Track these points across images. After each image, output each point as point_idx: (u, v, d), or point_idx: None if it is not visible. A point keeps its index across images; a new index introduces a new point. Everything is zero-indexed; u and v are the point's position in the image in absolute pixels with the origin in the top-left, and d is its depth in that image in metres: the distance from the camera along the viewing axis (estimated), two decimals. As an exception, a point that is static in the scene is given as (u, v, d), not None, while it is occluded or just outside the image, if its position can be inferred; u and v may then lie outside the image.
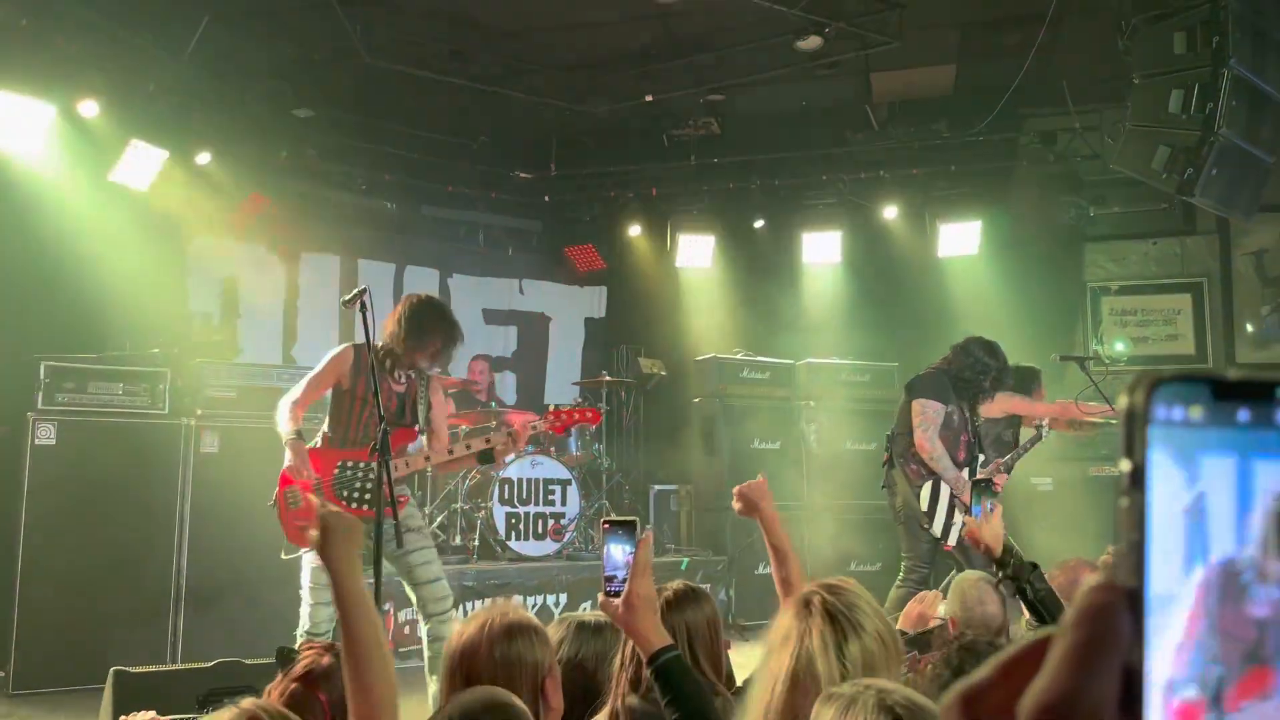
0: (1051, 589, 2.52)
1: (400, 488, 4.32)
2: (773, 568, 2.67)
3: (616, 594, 1.89)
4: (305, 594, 4.18)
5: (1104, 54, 6.25)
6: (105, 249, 6.64)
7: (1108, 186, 8.07)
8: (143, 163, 6.71)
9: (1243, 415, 0.37)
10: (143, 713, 2.75)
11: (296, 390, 4.31)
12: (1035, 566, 2.53)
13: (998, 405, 5.77)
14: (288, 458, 4.16)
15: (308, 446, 4.24)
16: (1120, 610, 0.36)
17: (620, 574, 1.90)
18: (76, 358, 5.71)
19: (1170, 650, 0.36)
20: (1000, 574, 2.57)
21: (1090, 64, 7.16)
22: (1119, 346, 8.27)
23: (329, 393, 4.40)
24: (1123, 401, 0.37)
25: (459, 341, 4.46)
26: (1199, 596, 0.36)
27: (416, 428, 4.42)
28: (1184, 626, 0.36)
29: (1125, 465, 0.37)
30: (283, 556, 4.22)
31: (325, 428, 4.40)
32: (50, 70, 6.07)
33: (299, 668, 2.24)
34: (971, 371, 5.45)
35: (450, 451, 4.40)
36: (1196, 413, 0.37)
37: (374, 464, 4.16)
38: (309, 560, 4.20)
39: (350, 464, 4.24)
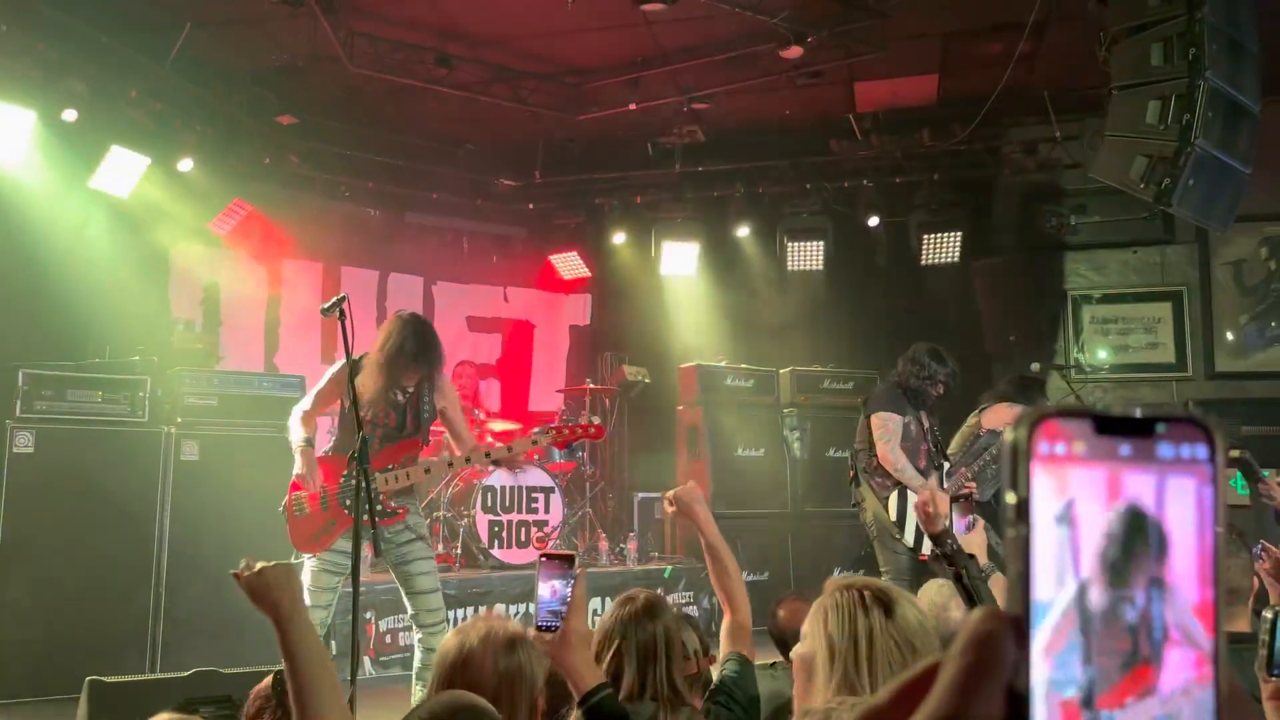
0: (984, 577, 2.57)
1: (403, 498, 4.34)
2: (710, 571, 2.71)
3: (550, 629, 1.85)
4: (305, 596, 4.17)
5: (1084, 64, 6.29)
6: (85, 256, 6.61)
7: (1089, 195, 8.13)
8: (124, 169, 6.69)
9: (1124, 450, 0.38)
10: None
11: (306, 401, 4.37)
12: (972, 557, 2.58)
13: (1000, 416, 5.79)
14: (297, 465, 4.21)
15: (319, 454, 4.30)
16: (1004, 637, 0.37)
17: (557, 609, 1.87)
18: (55, 365, 5.67)
19: (1042, 653, 0.37)
20: (937, 551, 2.61)
21: (1071, 74, 7.21)
22: (1100, 355, 8.33)
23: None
24: (1008, 436, 0.38)
25: (444, 360, 4.50)
26: (1070, 604, 0.37)
27: (419, 437, 4.44)
28: (1055, 631, 0.38)
29: (1010, 499, 0.38)
30: (293, 560, 4.24)
31: (336, 439, 4.50)
32: (31, 76, 6.05)
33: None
34: (918, 379, 5.49)
35: (479, 455, 4.49)
36: (1079, 448, 0.38)
37: (377, 473, 4.21)
38: (310, 564, 4.22)
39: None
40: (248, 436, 5.86)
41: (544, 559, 1.91)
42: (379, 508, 4.14)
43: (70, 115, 6.21)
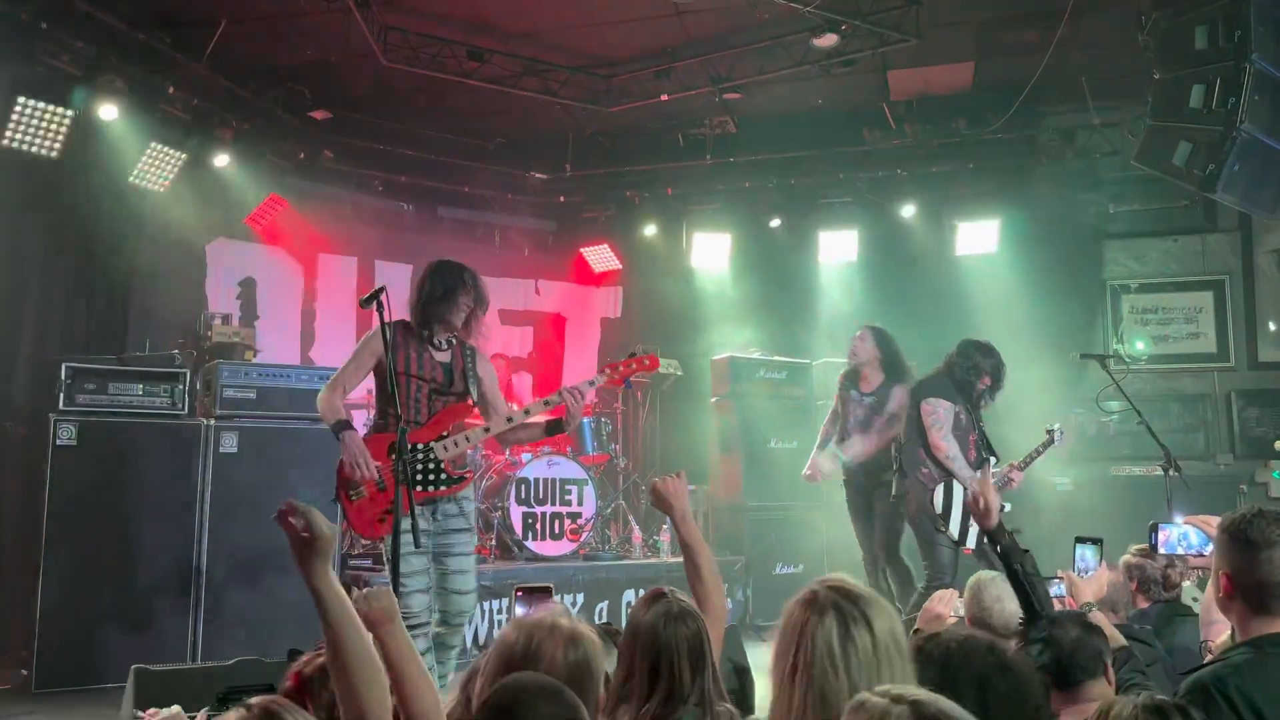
0: (1038, 571, 2.52)
1: (463, 465, 4.20)
2: (686, 569, 2.65)
3: None
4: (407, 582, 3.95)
5: (1123, 49, 6.19)
6: (124, 251, 6.69)
7: (1128, 183, 8.01)
8: (161, 165, 6.77)
9: None
10: (168, 708, 2.78)
11: (335, 377, 4.14)
12: (1026, 551, 2.52)
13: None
14: (343, 451, 3.96)
15: (363, 436, 4.06)
16: None
17: None
18: (97, 359, 5.76)
19: None
20: (991, 545, 2.56)
21: (1109, 60, 7.10)
22: (1139, 345, 8.20)
23: (373, 378, 4.22)
24: None
25: (486, 298, 4.31)
26: None
27: (470, 400, 4.25)
28: None
29: None
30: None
31: (374, 414, 4.31)
32: (70, 73, 6.12)
33: (291, 675, 2.24)
34: (964, 371, 5.45)
35: (509, 420, 4.19)
36: None
37: (431, 444, 4.03)
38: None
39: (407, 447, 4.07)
40: (285, 429, 5.91)
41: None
42: (444, 475, 3.99)
43: (108, 112, 6.29)
